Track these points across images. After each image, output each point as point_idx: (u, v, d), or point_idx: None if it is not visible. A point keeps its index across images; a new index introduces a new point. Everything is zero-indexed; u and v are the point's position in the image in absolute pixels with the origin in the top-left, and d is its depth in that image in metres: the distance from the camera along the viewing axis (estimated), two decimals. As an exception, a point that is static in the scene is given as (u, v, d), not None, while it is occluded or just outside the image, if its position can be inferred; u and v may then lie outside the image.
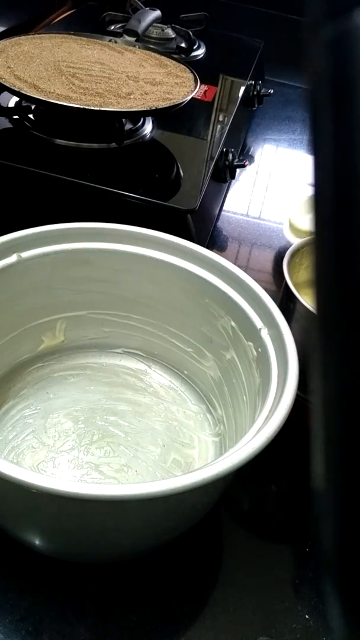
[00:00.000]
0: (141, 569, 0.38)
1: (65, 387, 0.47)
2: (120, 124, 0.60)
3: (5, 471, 0.27)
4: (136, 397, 0.47)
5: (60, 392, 0.46)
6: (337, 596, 0.14)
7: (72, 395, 0.46)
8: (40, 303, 0.45)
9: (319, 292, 0.14)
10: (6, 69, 0.60)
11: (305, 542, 0.41)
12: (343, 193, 0.13)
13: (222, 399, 0.45)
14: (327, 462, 0.14)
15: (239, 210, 0.78)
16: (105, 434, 0.44)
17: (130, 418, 0.45)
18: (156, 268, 0.45)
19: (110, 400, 0.46)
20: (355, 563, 0.14)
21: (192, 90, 0.64)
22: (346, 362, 0.13)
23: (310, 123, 0.13)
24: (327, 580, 0.14)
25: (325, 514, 0.14)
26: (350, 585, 0.14)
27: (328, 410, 0.14)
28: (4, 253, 0.41)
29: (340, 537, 0.14)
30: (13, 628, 0.34)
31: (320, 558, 0.15)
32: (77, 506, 0.30)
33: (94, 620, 0.35)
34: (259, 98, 0.97)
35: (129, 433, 0.44)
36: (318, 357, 0.14)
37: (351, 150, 0.13)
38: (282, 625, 0.36)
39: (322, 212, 0.13)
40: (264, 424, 0.31)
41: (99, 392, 0.47)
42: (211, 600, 0.37)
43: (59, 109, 0.57)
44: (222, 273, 0.42)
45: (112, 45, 0.74)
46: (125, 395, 0.47)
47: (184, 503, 0.34)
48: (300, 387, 0.33)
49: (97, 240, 0.44)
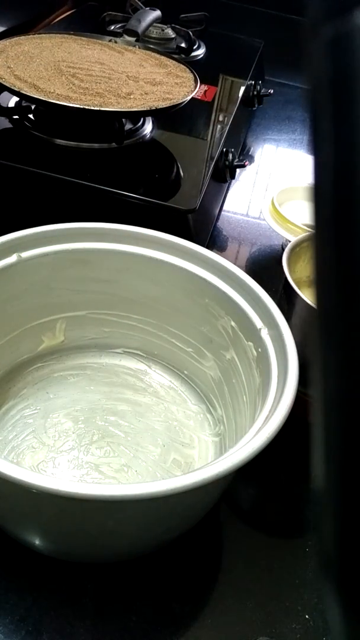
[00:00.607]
0: (141, 569, 0.38)
1: (65, 387, 0.47)
2: (120, 124, 0.60)
3: (5, 471, 0.27)
4: (136, 397, 0.47)
5: (60, 392, 0.46)
6: (337, 596, 0.14)
7: (72, 395, 0.46)
8: (40, 303, 0.45)
9: (318, 292, 0.14)
10: (6, 69, 0.60)
11: (305, 542, 0.41)
12: (343, 193, 0.13)
13: (222, 399, 0.45)
14: (327, 462, 0.14)
15: (239, 210, 0.78)
16: (105, 434, 0.44)
17: (130, 418, 0.45)
18: (156, 268, 0.45)
19: (110, 400, 0.46)
20: (355, 563, 0.14)
21: (192, 90, 0.64)
22: (346, 362, 0.13)
23: (310, 123, 0.13)
24: (327, 580, 0.14)
25: (325, 513, 0.14)
26: (350, 585, 0.14)
27: (328, 410, 0.14)
28: (4, 253, 0.41)
29: (340, 536, 0.14)
30: (13, 628, 0.34)
31: (320, 558, 0.15)
32: (77, 506, 0.30)
33: (94, 620, 0.35)
34: (259, 98, 0.97)
35: (129, 433, 0.44)
36: (318, 356, 0.14)
37: (351, 150, 0.13)
38: (282, 625, 0.36)
39: (322, 212, 0.13)
40: (264, 424, 0.31)
41: (99, 392, 0.47)
42: (211, 600, 0.37)
43: (59, 109, 0.57)
44: (222, 273, 0.42)
45: (112, 45, 0.74)
46: (125, 395, 0.47)
47: (184, 503, 0.34)
48: (300, 382, 0.33)
49: (97, 240, 0.44)
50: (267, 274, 0.67)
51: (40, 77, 0.60)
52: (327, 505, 0.14)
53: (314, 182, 0.14)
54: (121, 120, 0.60)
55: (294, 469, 0.45)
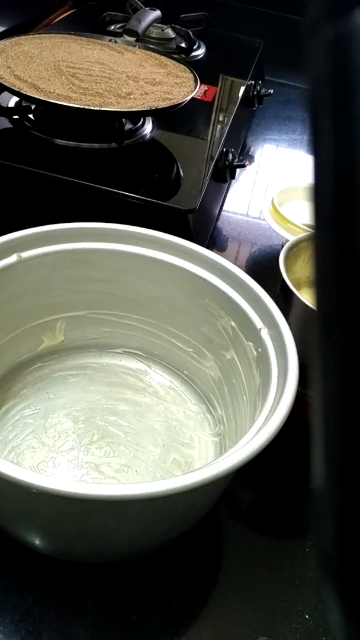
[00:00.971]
0: (141, 569, 0.38)
1: (65, 387, 0.47)
2: (120, 124, 0.60)
3: (5, 471, 0.27)
4: (136, 397, 0.47)
5: (60, 392, 0.46)
6: (337, 596, 0.14)
7: (72, 395, 0.46)
8: (40, 303, 0.45)
9: (318, 292, 0.14)
10: (6, 69, 0.60)
11: (305, 542, 0.41)
12: (343, 193, 0.13)
13: (222, 399, 0.45)
14: (327, 462, 0.14)
15: (239, 210, 0.78)
16: (105, 434, 0.44)
17: (130, 418, 0.45)
18: (156, 268, 0.45)
19: (110, 400, 0.46)
20: (354, 563, 0.14)
21: (192, 90, 0.64)
22: (346, 362, 0.13)
23: (310, 123, 0.13)
24: (326, 580, 0.14)
25: (325, 513, 0.14)
26: (349, 585, 0.14)
27: (328, 410, 0.14)
28: (4, 253, 0.41)
29: (339, 536, 0.14)
30: (13, 628, 0.34)
31: (320, 558, 0.15)
32: (77, 506, 0.30)
33: (94, 620, 0.35)
34: (259, 98, 0.97)
35: (129, 433, 0.44)
36: (318, 357, 0.14)
37: (351, 150, 0.13)
38: (282, 625, 0.36)
39: (322, 212, 0.13)
40: (264, 424, 0.31)
41: (99, 392, 0.47)
42: (211, 600, 0.37)
43: (59, 109, 0.57)
44: (222, 273, 0.42)
45: (112, 45, 0.74)
46: (125, 395, 0.47)
47: (184, 503, 0.34)
48: (300, 382, 0.33)
49: (97, 240, 0.44)
50: (267, 274, 0.67)
51: (40, 77, 0.60)
52: (327, 505, 0.14)
53: (314, 182, 0.14)
54: (121, 120, 0.60)
55: (294, 469, 0.45)
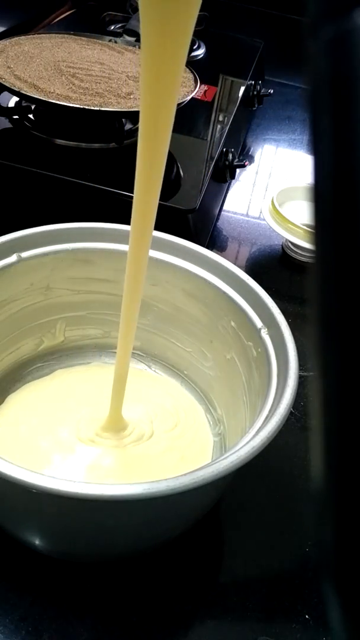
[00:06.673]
0: (141, 569, 0.38)
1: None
2: (120, 124, 0.60)
3: (5, 471, 0.27)
4: (136, 397, 0.47)
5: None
6: (337, 596, 0.14)
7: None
8: (40, 303, 0.45)
9: (319, 292, 0.14)
10: (6, 69, 0.60)
11: (305, 542, 0.41)
12: (343, 193, 0.13)
13: (222, 399, 0.45)
14: (326, 461, 0.14)
15: (239, 210, 0.78)
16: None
17: (130, 418, 0.45)
18: (156, 268, 0.44)
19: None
20: (354, 563, 0.14)
21: (192, 90, 0.64)
22: (346, 362, 0.13)
23: (310, 123, 0.13)
24: (326, 581, 0.14)
25: (324, 514, 0.14)
26: (349, 586, 0.14)
27: (328, 409, 0.14)
28: (4, 253, 0.41)
29: (339, 537, 0.14)
30: (13, 628, 0.34)
31: (320, 558, 0.15)
32: (77, 506, 0.30)
33: (94, 620, 0.35)
34: (259, 98, 0.97)
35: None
36: (318, 356, 0.14)
37: (351, 150, 0.13)
38: (282, 625, 0.36)
39: (322, 213, 0.13)
40: (264, 424, 0.31)
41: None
42: (211, 600, 0.37)
43: (59, 109, 0.57)
44: (222, 273, 0.42)
45: (112, 45, 0.74)
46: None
47: (184, 503, 0.34)
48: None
49: (97, 240, 0.44)
50: (267, 274, 0.67)
51: (40, 77, 0.60)
52: (326, 505, 0.14)
53: (314, 182, 0.14)
54: (121, 120, 0.60)
55: (294, 469, 0.45)
